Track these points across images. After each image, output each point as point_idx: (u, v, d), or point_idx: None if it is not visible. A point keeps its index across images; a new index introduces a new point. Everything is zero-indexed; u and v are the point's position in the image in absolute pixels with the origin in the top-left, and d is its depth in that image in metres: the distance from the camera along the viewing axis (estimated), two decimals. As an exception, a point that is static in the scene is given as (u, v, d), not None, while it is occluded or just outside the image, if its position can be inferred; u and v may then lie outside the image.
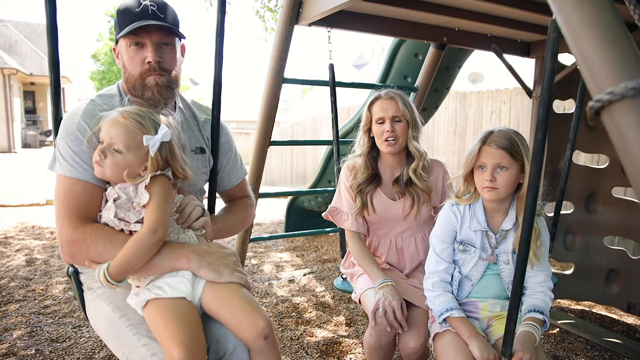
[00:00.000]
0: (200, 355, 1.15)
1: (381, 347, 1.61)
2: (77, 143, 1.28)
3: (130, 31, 1.32)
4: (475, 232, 1.48)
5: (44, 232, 5.00)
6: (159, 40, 1.36)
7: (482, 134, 1.44)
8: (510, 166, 1.39)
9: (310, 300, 3.11)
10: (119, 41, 1.39)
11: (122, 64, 1.41)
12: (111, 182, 1.28)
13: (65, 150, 1.29)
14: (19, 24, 22.51)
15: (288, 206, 5.21)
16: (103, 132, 1.24)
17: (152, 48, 1.35)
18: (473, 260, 1.49)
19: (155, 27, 1.35)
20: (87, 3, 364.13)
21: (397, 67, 3.83)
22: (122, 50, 1.40)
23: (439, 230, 1.54)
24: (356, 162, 1.84)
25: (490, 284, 1.50)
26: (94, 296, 1.38)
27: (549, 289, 1.46)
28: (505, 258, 1.47)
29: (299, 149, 11.13)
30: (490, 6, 2.31)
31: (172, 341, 1.12)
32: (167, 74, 1.39)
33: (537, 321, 1.38)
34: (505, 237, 1.48)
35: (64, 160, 1.28)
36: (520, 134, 1.44)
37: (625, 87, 0.60)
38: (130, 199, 1.25)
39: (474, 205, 1.50)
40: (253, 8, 7.90)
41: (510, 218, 1.46)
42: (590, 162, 4.05)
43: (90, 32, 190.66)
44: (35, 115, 21.25)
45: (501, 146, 1.38)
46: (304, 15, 2.36)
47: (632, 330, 2.73)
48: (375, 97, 1.79)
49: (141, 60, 1.36)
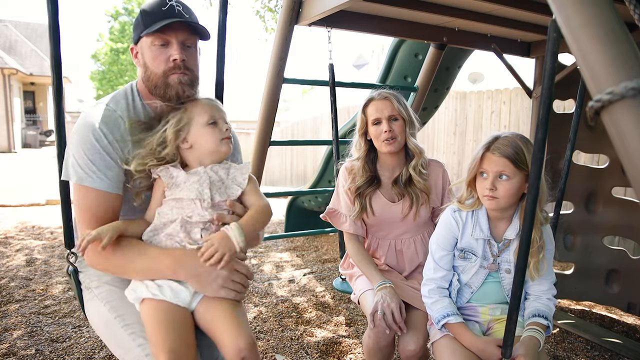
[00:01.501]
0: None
1: (380, 348, 1.61)
2: (94, 151, 1.29)
3: (157, 29, 1.32)
4: (477, 240, 1.44)
5: (44, 232, 5.00)
6: (184, 39, 1.37)
7: (488, 140, 1.38)
8: (513, 176, 1.33)
9: (310, 300, 3.11)
10: (141, 40, 1.39)
11: (143, 63, 1.40)
12: (198, 163, 1.35)
13: (81, 159, 1.29)
14: (19, 24, 22.51)
15: (288, 206, 5.21)
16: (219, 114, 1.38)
17: (177, 46, 1.36)
18: (474, 268, 1.45)
19: (182, 25, 1.35)
20: (87, 3, 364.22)
21: (397, 67, 3.82)
22: (144, 48, 1.39)
23: (439, 237, 1.49)
24: (354, 165, 1.83)
25: (491, 291, 1.47)
26: (91, 295, 1.40)
27: (552, 296, 1.44)
28: (507, 267, 1.44)
29: (299, 149, 11.12)
30: (490, 6, 2.31)
31: (161, 347, 1.13)
32: (191, 73, 1.39)
33: (540, 326, 1.35)
34: (508, 246, 1.43)
35: (80, 168, 1.28)
36: (529, 141, 1.36)
37: (625, 87, 0.60)
38: (222, 180, 1.35)
39: (477, 212, 1.45)
40: (253, 8, 7.90)
41: (514, 227, 1.41)
42: (590, 162, 4.05)
43: (90, 32, 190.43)
44: (35, 115, 21.25)
45: (504, 154, 1.32)
46: (304, 15, 2.36)
47: (632, 330, 2.73)
48: (369, 99, 1.78)
49: (165, 58, 1.36)
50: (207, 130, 1.34)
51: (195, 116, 1.35)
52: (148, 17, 1.35)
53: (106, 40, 25.05)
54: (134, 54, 1.44)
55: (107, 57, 24.55)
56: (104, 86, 24.95)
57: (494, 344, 1.32)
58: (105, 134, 1.31)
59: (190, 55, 1.39)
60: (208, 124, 1.34)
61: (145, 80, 1.41)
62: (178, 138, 1.33)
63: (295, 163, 11.52)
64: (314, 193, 4.56)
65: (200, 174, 1.32)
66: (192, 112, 1.35)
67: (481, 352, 1.33)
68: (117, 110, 1.38)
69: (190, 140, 1.34)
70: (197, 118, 1.34)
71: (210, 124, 1.34)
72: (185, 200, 1.28)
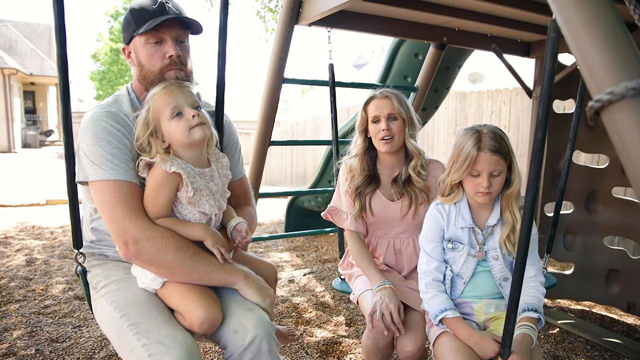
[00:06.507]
0: (219, 317, 1.31)
1: (379, 349, 1.61)
2: (111, 147, 1.29)
3: (150, 27, 1.33)
4: (462, 229, 1.50)
5: (44, 232, 5.00)
6: (177, 35, 1.38)
7: (473, 138, 1.40)
8: (503, 169, 1.41)
9: (310, 300, 3.11)
10: (134, 39, 1.39)
11: (138, 62, 1.41)
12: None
13: (101, 156, 1.28)
14: (19, 24, 22.50)
15: (288, 206, 5.21)
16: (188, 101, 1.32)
17: (172, 43, 1.37)
18: (462, 257, 1.50)
19: (174, 21, 1.36)
20: (87, 3, 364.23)
21: (397, 67, 3.82)
22: (138, 48, 1.39)
23: (427, 231, 1.56)
24: (353, 163, 1.84)
25: (483, 281, 1.50)
26: (98, 295, 1.40)
27: (540, 283, 1.46)
28: (494, 254, 1.48)
29: (299, 149, 11.13)
30: (490, 6, 2.31)
31: (197, 304, 1.27)
32: (185, 69, 1.41)
33: (532, 321, 1.37)
34: (492, 233, 1.49)
35: (101, 165, 1.28)
36: (502, 131, 1.44)
37: (625, 87, 0.60)
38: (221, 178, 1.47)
39: (459, 204, 1.52)
40: (253, 8, 7.90)
41: (495, 214, 1.48)
42: (590, 162, 4.05)
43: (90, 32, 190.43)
44: (35, 115, 21.24)
45: (494, 149, 1.38)
46: (304, 15, 2.36)
47: (632, 330, 2.73)
48: (370, 97, 1.79)
49: (161, 55, 1.37)
50: (174, 124, 1.29)
51: (160, 112, 1.30)
52: (139, 16, 1.36)
53: (106, 40, 25.03)
54: (127, 54, 1.45)
55: (107, 57, 24.53)
56: (104, 86, 24.93)
57: (490, 337, 1.35)
58: (118, 129, 1.32)
59: (184, 50, 1.41)
60: (173, 117, 1.29)
61: (141, 79, 1.42)
62: (157, 139, 1.31)
63: (295, 163, 11.52)
64: (314, 193, 4.56)
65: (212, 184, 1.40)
66: (155, 109, 1.30)
67: (478, 345, 1.35)
68: (120, 110, 1.38)
69: (166, 139, 1.32)
70: (161, 115, 1.30)
71: (175, 116, 1.29)
72: (206, 207, 1.37)
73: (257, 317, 1.34)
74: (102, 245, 1.50)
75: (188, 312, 1.27)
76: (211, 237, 1.34)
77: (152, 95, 1.33)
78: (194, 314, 1.26)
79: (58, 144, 20.23)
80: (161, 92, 1.31)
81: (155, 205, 1.30)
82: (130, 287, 1.36)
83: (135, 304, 1.30)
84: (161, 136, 1.32)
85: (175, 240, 1.29)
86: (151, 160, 1.30)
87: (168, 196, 1.31)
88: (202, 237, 1.33)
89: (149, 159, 1.30)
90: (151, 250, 1.26)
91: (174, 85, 1.34)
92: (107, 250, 1.50)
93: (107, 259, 1.50)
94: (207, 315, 1.26)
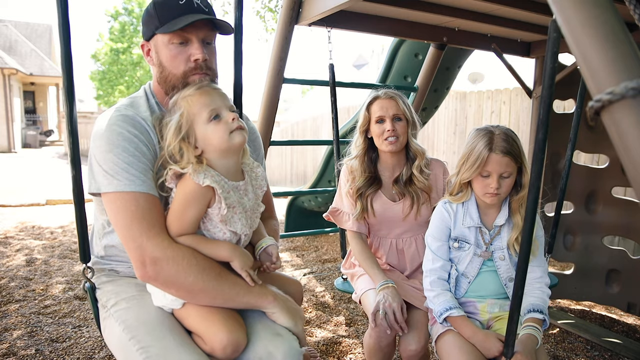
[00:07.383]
0: (244, 340, 1.18)
1: (381, 348, 1.61)
2: (127, 154, 1.16)
3: (177, 28, 1.19)
4: (469, 229, 1.50)
5: (44, 232, 5.00)
6: (205, 36, 1.25)
7: (485, 139, 1.40)
8: (513, 171, 1.41)
9: (310, 300, 3.11)
10: (155, 37, 1.25)
11: (158, 62, 1.27)
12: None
13: (115, 164, 1.15)
14: (19, 24, 22.52)
15: (288, 206, 5.21)
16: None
17: (199, 45, 1.23)
18: (468, 257, 1.49)
19: (204, 21, 1.22)
20: (87, 3, 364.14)
21: (397, 67, 3.82)
22: (159, 47, 1.25)
23: (434, 229, 1.55)
24: (354, 164, 1.84)
25: (488, 281, 1.50)
26: (107, 314, 1.30)
27: (545, 285, 1.46)
28: (500, 254, 1.48)
29: (299, 149, 11.12)
30: (490, 6, 2.31)
31: (219, 326, 1.15)
32: (212, 73, 1.28)
33: (537, 321, 1.37)
34: (499, 233, 1.49)
35: (116, 174, 1.15)
36: (514, 133, 1.43)
37: (625, 87, 0.60)
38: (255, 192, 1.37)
39: (467, 203, 1.51)
40: (253, 8, 7.86)
41: (503, 214, 1.48)
42: (590, 162, 4.04)
43: (90, 32, 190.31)
44: (35, 115, 21.26)
45: (506, 151, 1.37)
46: (304, 15, 2.36)
47: (632, 330, 2.73)
48: (374, 97, 1.79)
49: (185, 58, 1.23)
50: (211, 128, 1.18)
51: (195, 115, 1.18)
52: (164, 12, 1.22)
53: (106, 40, 25.01)
54: (146, 51, 1.31)
55: (107, 57, 24.51)
56: (104, 86, 24.91)
57: (494, 336, 1.35)
58: (135, 134, 1.19)
59: (211, 53, 1.28)
60: (210, 120, 1.18)
61: (161, 82, 1.29)
62: (189, 145, 1.18)
63: (295, 163, 11.51)
64: (314, 193, 4.56)
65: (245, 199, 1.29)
66: (190, 112, 1.18)
67: (482, 343, 1.36)
68: (137, 113, 1.25)
69: (200, 144, 1.19)
70: (196, 117, 1.18)
71: (213, 119, 1.18)
72: (238, 226, 1.25)
73: (287, 345, 1.20)
74: (114, 261, 1.38)
75: (209, 334, 1.15)
76: (239, 259, 1.21)
77: (185, 97, 1.20)
78: (215, 337, 1.14)
79: (58, 144, 20.24)
80: (196, 93, 1.19)
81: (182, 220, 1.17)
82: (143, 305, 1.24)
83: (146, 324, 1.19)
84: (194, 142, 1.19)
85: (197, 260, 1.15)
86: (182, 171, 1.16)
87: (198, 212, 1.18)
88: (229, 258, 1.21)
89: (179, 168, 1.16)
90: (171, 272, 1.13)
91: (208, 86, 1.22)
92: (118, 266, 1.38)
93: (117, 275, 1.39)
94: (231, 339, 1.14)
